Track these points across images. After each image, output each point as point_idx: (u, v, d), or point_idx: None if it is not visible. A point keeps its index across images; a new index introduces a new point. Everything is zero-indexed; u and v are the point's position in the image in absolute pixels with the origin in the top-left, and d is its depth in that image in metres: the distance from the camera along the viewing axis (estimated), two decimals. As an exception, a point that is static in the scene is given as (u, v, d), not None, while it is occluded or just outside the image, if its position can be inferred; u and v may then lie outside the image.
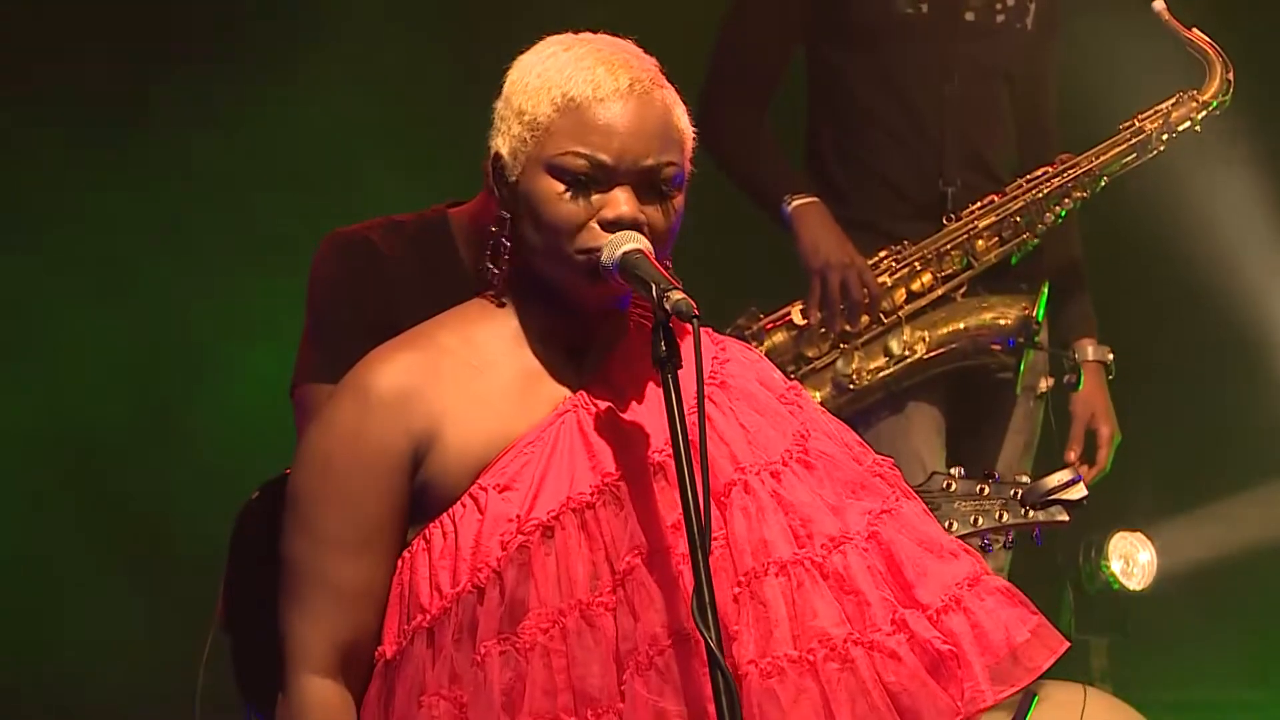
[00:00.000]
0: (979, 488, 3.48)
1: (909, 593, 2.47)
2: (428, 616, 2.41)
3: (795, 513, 2.46)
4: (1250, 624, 5.44)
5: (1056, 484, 3.45)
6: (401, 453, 2.43)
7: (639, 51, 2.52)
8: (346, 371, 3.27)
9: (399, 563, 2.45)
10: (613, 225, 2.43)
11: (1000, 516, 3.46)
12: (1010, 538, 3.49)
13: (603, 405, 2.47)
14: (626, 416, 2.47)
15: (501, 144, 2.48)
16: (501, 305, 2.51)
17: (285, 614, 2.44)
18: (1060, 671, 4.36)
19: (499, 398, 2.46)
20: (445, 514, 2.43)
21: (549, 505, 2.42)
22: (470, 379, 2.46)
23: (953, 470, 3.53)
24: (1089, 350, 4.31)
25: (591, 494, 2.42)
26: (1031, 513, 3.46)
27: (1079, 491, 3.46)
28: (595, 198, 2.44)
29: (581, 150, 2.43)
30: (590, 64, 2.46)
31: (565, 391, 2.49)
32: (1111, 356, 4.31)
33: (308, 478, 2.44)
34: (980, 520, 3.47)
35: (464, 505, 2.43)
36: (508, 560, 2.39)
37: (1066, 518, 3.48)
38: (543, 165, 2.45)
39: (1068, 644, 2.53)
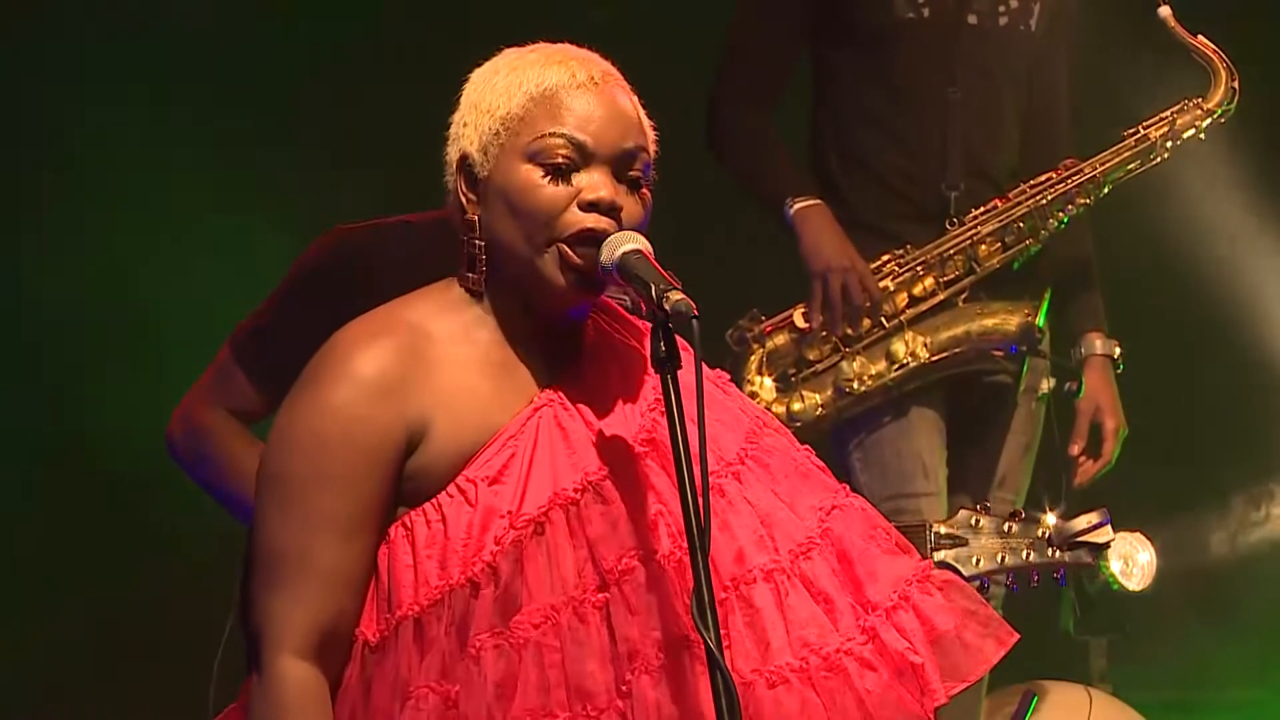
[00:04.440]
0: (1006, 525, 3.48)
1: (860, 591, 2.48)
2: (415, 606, 2.40)
3: (756, 513, 2.47)
4: (1250, 624, 5.44)
5: (1085, 526, 3.47)
6: (398, 439, 2.40)
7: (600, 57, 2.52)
8: (260, 358, 3.31)
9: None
10: (592, 207, 2.41)
11: (1027, 556, 3.47)
12: (1036, 577, 3.51)
13: (578, 402, 2.47)
14: (601, 414, 2.47)
15: (469, 144, 2.45)
16: (475, 296, 2.48)
17: (263, 596, 2.41)
18: (1060, 671, 4.42)
19: (480, 386, 2.45)
20: (429, 503, 2.42)
21: (538, 501, 2.41)
22: (451, 366, 2.44)
23: (979, 506, 3.54)
24: (1096, 344, 4.30)
25: (575, 491, 2.42)
26: (1058, 554, 3.47)
27: (1106, 535, 3.48)
28: (575, 180, 2.42)
29: (561, 131, 2.42)
30: (561, 59, 2.47)
31: (537, 382, 2.48)
32: (1119, 351, 4.30)
33: (298, 459, 2.40)
34: (1006, 558, 3.48)
35: (451, 496, 2.41)
36: (502, 555, 2.39)
37: (1092, 560, 3.50)
38: (520, 154, 2.42)
39: (1018, 636, 2.54)
